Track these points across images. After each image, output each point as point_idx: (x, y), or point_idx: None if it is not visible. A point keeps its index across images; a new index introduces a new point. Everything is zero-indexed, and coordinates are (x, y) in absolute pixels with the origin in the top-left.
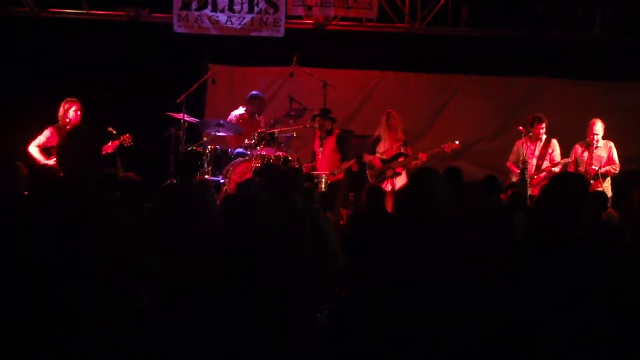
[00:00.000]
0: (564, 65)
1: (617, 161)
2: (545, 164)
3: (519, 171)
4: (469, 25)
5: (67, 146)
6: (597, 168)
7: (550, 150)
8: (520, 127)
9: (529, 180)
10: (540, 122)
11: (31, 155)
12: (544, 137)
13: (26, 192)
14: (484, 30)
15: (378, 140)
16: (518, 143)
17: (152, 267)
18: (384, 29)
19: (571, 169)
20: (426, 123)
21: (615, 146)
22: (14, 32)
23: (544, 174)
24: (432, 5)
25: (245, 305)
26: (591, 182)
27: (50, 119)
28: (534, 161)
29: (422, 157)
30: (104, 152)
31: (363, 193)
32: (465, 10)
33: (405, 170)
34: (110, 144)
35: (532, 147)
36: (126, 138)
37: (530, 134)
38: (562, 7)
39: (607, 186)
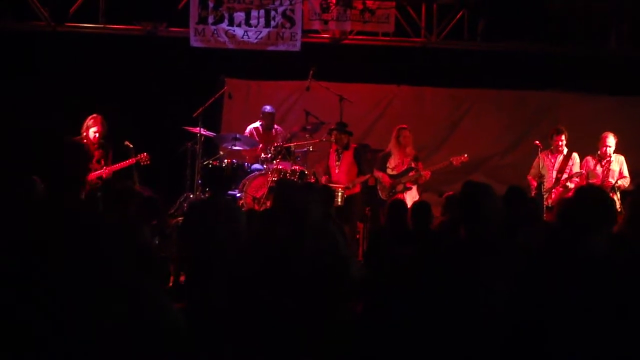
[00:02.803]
0: (579, 79)
1: (627, 175)
2: (565, 177)
3: (536, 184)
4: (485, 39)
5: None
6: (613, 181)
7: (570, 164)
8: (537, 142)
9: (545, 194)
10: (560, 134)
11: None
12: (565, 150)
13: None
14: (499, 45)
15: (389, 155)
16: (540, 156)
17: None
18: (400, 44)
19: (583, 181)
20: (442, 137)
21: (631, 161)
22: (32, 46)
23: (561, 188)
24: (448, 19)
25: (264, 320)
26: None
27: (67, 131)
28: (554, 174)
29: (426, 174)
30: (121, 167)
31: (385, 208)
32: (481, 24)
33: (415, 186)
34: (126, 162)
35: (552, 160)
36: (143, 157)
37: (551, 147)
38: (577, 21)
39: (616, 200)
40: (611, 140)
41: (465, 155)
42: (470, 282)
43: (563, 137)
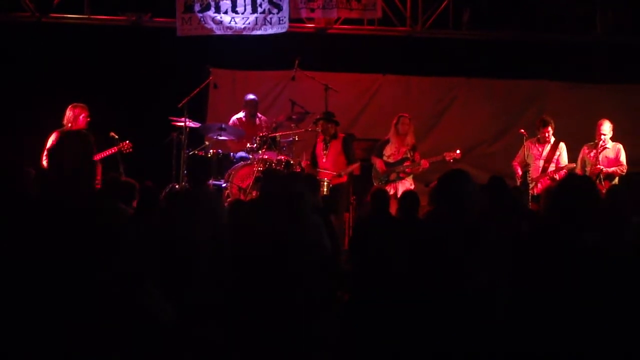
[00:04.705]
0: (566, 67)
1: (624, 163)
2: (552, 167)
3: (521, 173)
4: (471, 28)
5: (59, 149)
6: (602, 167)
7: (557, 154)
8: (522, 130)
9: (532, 183)
10: (546, 125)
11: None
12: (552, 139)
13: None
14: (485, 33)
15: (386, 143)
16: (526, 144)
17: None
18: (386, 33)
19: (578, 170)
20: (428, 126)
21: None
22: (16, 37)
23: (547, 177)
24: (434, 8)
25: (247, 311)
26: (596, 181)
27: (52, 123)
28: (541, 163)
29: (424, 164)
30: (103, 157)
31: (368, 196)
32: (467, 13)
33: (410, 176)
34: (108, 150)
35: (539, 149)
36: (125, 144)
37: (538, 137)
38: (563, 8)
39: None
40: (606, 128)
41: (458, 151)
42: (451, 267)
43: (549, 128)
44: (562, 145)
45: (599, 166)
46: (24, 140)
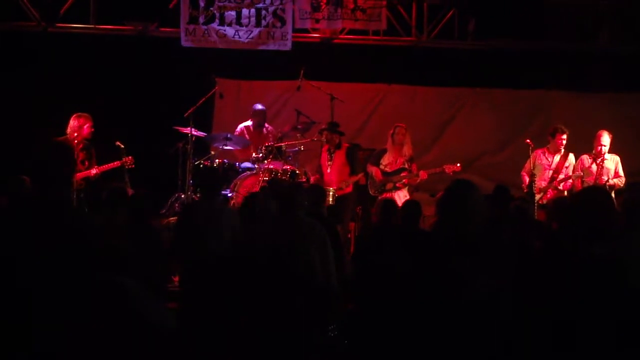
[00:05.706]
0: (571, 77)
1: (622, 175)
2: (561, 177)
3: (528, 182)
4: (476, 38)
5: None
6: (606, 179)
7: (566, 164)
8: (528, 140)
9: (539, 193)
10: (563, 132)
11: None
12: (562, 150)
13: None
14: (490, 43)
15: (384, 152)
16: (533, 154)
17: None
18: (391, 43)
19: (578, 183)
20: (433, 136)
21: (624, 158)
22: (22, 47)
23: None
24: (439, 18)
25: (250, 320)
26: None
27: (57, 132)
28: (549, 173)
29: (423, 175)
30: (105, 170)
31: (375, 207)
32: (472, 23)
33: (406, 187)
34: (111, 164)
35: (549, 159)
36: (128, 160)
37: (549, 145)
38: (568, 18)
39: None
40: (605, 139)
41: (459, 164)
42: (455, 277)
43: (565, 136)
44: (572, 156)
45: (604, 177)
46: (29, 149)
